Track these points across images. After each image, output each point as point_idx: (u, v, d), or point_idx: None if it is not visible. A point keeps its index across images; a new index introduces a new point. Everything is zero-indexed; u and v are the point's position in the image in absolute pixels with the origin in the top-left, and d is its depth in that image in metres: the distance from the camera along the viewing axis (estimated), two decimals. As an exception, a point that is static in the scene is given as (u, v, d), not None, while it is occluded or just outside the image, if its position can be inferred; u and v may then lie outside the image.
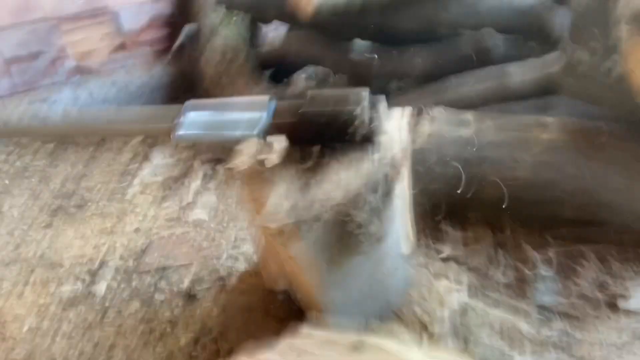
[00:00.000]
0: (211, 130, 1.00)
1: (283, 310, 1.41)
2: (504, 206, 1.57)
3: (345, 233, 0.88)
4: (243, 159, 0.99)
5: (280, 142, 0.95)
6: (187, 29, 2.89)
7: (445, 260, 1.57)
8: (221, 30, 2.73)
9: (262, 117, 0.93)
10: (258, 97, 0.97)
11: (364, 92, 0.90)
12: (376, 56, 2.30)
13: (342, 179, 0.89)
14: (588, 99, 1.54)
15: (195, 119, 0.97)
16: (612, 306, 1.37)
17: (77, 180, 2.21)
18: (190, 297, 1.56)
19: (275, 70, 2.80)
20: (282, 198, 0.88)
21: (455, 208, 1.67)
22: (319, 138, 0.93)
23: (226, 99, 1.01)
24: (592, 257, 1.45)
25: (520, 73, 1.90)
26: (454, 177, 1.57)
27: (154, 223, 1.89)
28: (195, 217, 1.93)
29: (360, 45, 2.49)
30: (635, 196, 1.40)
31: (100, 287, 1.65)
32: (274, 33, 2.93)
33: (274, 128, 0.94)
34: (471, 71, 2.03)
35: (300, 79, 2.69)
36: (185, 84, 3.03)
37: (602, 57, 1.42)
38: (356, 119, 0.88)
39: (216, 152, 2.27)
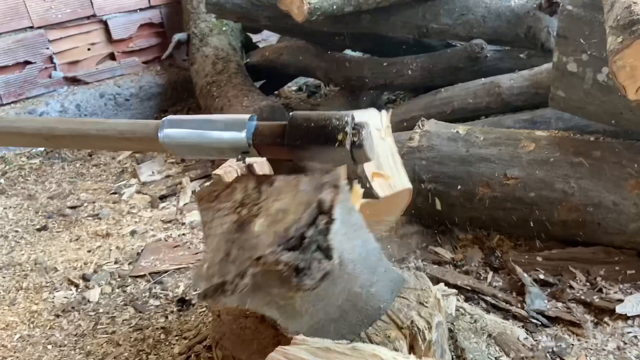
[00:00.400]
0: (189, 150, 0.97)
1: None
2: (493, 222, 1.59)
3: (284, 278, 0.80)
4: (226, 169, 0.98)
5: (260, 164, 0.93)
6: (177, 37, 2.89)
7: (441, 264, 1.59)
8: (211, 40, 2.73)
9: (241, 137, 0.89)
10: (238, 115, 0.94)
11: (347, 117, 0.85)
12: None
13: (275, 215, 0.83)
14: (577, 111, 1.56)
15: (173, 136, 0.94)
16: (605, 312, 1.39)
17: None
18: (185, 302, 1.56)
19: (266, 80, 2.81)
20: (216, 249, 0.84)
21: (446, 224, 1.69)
22: (299, 160, 0.89)
23: (205, 116, 0.97)
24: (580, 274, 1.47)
25: (511, 84, 1.94)
26: (444, 191, 1.60)
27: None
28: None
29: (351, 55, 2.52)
30: (623, 214, 1.42)
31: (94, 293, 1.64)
32: (265, 43, 2.94)
33: (253, 148, 0.90)
34: (462, 83, 2.06)
35: (291, 91, 2.69)
36: (175, 96, 3.03)
37: (591, 69, 1.44)
38: (339, 143, 0.84)
39: (205, 168, 2.27)
